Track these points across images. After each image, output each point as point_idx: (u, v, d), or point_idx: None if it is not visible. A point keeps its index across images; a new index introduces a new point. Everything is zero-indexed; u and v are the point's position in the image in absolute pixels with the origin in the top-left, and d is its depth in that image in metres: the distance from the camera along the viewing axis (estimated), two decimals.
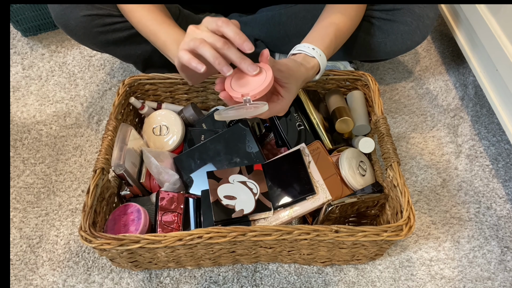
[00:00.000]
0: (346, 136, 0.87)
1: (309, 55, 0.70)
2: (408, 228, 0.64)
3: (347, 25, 0.77)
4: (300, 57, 0.70)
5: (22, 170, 0.93)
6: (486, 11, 0.89)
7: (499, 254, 0.81)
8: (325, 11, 0.78)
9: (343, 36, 0.77)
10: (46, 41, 1.22)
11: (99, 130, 1.01)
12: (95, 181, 0.69)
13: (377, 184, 0.76)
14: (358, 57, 1.00)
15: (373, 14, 0.87)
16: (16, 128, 1.01)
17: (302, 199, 0.70)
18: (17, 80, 1.12)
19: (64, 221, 0.85)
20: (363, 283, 0.77)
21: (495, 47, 0.85)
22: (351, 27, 0.79)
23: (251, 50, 0.56)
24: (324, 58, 0.71)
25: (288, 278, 0.78)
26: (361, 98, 0.87)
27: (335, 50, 0.76)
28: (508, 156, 0.95)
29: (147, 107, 0.89)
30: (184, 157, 0.81)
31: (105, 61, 1.16)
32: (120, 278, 0.78)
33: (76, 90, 1.09)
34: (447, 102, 1.06)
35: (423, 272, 0.78)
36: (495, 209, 0.87)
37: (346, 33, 0.78)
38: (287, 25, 0.95)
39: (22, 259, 0.80)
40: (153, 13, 0.75)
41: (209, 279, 0.78)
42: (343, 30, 0.76)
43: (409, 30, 0.88)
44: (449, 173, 0.93)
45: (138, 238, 0.63)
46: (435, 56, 1.18)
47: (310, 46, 0.70)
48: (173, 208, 0.74)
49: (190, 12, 0.92)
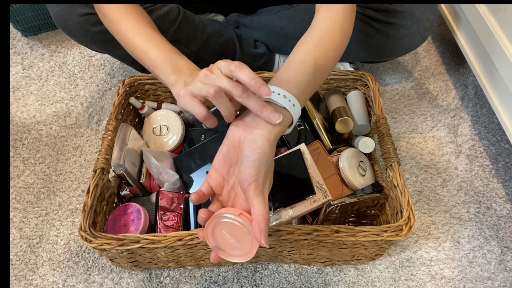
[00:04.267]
0: (346, 136, 0.87)
1: (279, 105, 0.53)
2: (408, 228, 0.64)
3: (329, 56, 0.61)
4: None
5: (22, 170, 0.93)
6: (486, 11, 0.89)
7: (499, 254, 0.81)
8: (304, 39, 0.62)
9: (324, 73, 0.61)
10: (46, 41, 1.22)
11: (99, 130, 1.01)
12: (95, 181, 0.69)
13: (377, 184, 0.76)
14: (358, 59, 1.00)
15: (373, 16, 0.87)
16: (16, 128, 1.01)
17: (302, 199, 0.70)
18: (17, 80, 1.12)
19: (64, 221, 0.85)
20: (363, 283, 0.77)
21: (495, 47, 0.85)
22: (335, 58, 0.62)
23: (269, 95, 0.50)
24: (298, 108, 0.55)
25: (288, 278, 0.78)
26: (361, 98, 0.87)
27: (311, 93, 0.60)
28: (508, 156, 0.95)
29: (147, 107, 0.89)
30: (184, 157, 0.81)
31: (105, 61, 1.16)
32: (120, 278, 0.78)
33: (76, 90, 1.09)
34: (447, 102, 1.06)
35: (423, 272, 0.78)
36: (495, 209, 0.87)
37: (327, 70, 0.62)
38: (286, 27, 0.95)
39: (22, 259, 0.80)
40: (140, 26, 0.67)
41: (209, 279, 0.78)
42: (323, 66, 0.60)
43: (409, 33, 0.88)
44: (449, 173, 0.93)
45: (138, 238, 0.63)
46: (435, 56, 1.18)
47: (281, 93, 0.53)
48: (173, 208, 0.74)
49: (190, 12, 0.92)
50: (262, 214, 0.49)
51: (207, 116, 0.53)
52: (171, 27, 0.87)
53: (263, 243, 0.48)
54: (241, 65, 0.51)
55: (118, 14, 0.68)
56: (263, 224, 0.49)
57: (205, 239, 0.53)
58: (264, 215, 0.49)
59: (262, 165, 0.50)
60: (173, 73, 0.60)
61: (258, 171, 0.50)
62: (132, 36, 0.66)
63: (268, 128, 0.51)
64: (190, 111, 0.53)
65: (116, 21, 0.68)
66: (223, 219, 0.51)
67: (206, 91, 0.50)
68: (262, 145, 0.50)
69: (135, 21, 0.67)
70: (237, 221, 0.50)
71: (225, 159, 0.54)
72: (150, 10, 0.83)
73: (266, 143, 0.51)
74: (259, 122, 0.52)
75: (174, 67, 0.61)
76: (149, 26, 0.68)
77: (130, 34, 0.66)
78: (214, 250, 0.54)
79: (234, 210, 0.52)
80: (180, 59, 0.63)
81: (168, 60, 0.62)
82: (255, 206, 0.49)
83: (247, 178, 0.50)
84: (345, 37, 0.64)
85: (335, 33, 0.61)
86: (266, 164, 0.51)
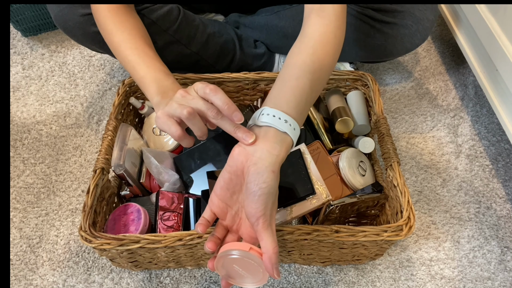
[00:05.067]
0: (346, 136, 0.87)
1: (280, 130, 0.52)
2: (408, 228, 0.64)
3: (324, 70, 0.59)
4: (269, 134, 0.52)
5: (22, 170, 0.93)
6: (486, 11, 0.89)
7: (499, 254, 0.81)
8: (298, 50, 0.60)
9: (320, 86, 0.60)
10: (46, 41, 1.22)
11: (99, 130, 1.01)
12: (95, 181, 0.69)
13: (377, 184, 0.76)
14: (358, 59, 1.00)
15: (373, 16, 0.87)
16: (16, 128, 1.01)
17: (302, 199, 0.69)
18: (17, 80, 1.12)
19: (64, 221, 0.85)
20: (363, 283, 0.77)
21: (495, 47, 0.85)
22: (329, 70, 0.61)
23: (241, 121, 0.51)
24: (298, 131, 0.54)
25: (288, 278, 0.78)
26: (361, 98, 0.87)
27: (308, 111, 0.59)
28: (508, 156, 0.95)
29: (147, 107, 0.89)
30: (184, 157, 0.81)
31: (105, 61, 1.16)
32: (120, 278, 0.78)
33: (76, 90, 1.09)
34: (447, 102, 1.06)
35: (423, 272, 0.78)
36: (495, 209, 0.87)
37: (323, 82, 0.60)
38: (286, 27, 0.95)
39: (22, 259, 0.80)
40: (133, 39, 0.67)
41: (209, 279, 0.78)
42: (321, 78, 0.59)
43: (409, 33, 0.88)
44: (449, 173, 0.93)
45: (138, 238, 0.63)
46: (435, 56, 1.18)
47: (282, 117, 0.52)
48: (173, 208, 0.74)
49: (190, 12, 0.92)
50: (273, 248, 0.49)
51: (181, 136, 0.55)
52: (171, 27, 0.87)
53: (275, 277, 0.48)
54: (216, 89, 0.52)
55: (113, 24, 0.69)
56: (274, 258, 0.48)
57: (214, 270, 0.53)
58: (275, 249, 0.49)
59: (269, 198, 0.50)
60: (158, 94, 0.61)
61: (266, 205, 0.49)
62: (124, 49, 0.67)
63: (272, 157, 0.50)
64: (166, 131, 0.55)
65: (110, 31, 0.69)
66: (232, 256, 0.50)
67: (180, 112, 0.53)
68: (267, 178, 0.49)
69: (129, 34, 0.68)
70: (248, 257, 0.50)
71: (228, 187, 0.53)
72: (150, 10, 0.83)
73: (271, 175, 0.50)
74: (261, 152, 0.50)
75: (160, 87, 0.62)
76: (142, 39, 0.69)
77: (122, 46, 0.67)
78: (225, 278, 0.53)
79: (243, 245, 0.50)
80: (167, 80, 0.63)
81: (155, 80, 0.63)
82: (264, 240, 0.49)
83: (255, 212, 0.49)
84: (338, 47, 0.63)
85: (328, 44, 0.60)
86: (272, 196, 0.50)
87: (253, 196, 0.49)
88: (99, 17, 0.70)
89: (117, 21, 0.69)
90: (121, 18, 0.69)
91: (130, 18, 0.70)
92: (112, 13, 0.69)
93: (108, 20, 0.69)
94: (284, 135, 0.52)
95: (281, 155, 0.51)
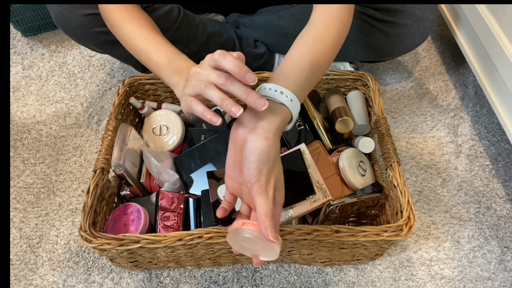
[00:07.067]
0: (346, 136, 0.87)
1: (277, 101, 0.53)
2: (408, 228, 0.64)
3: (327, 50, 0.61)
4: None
5: (22, 170, 0.93)
6: (486, 11, 0.89)
7: (499, 254, 0.81)
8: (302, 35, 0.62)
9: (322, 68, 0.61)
10: (46, 41, 1.22)
11: (99, 130, 1.01)
12: (95, 181, 0.69)
13: (377, 184, 0.76)
14: (358, 58, 1.00)
15: (373, 15, 0.87)
16: (16, 128, 1.01)
17: (302, 199, 0.69)
18: (17, 80, 1.12)
19: (64, 221, 0.85)
20: (363, 283, 0.77)
21: (495, 47, 0.85)
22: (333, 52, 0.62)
23: (254, 82, 0.50)
24: (297, 104, 0.55)
25: (288, 278, 0.78)
26: (361, 98, 0.87)
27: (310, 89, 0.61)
28: (508, 156, 0.95)
29: (147, 107, 0.89)
30: (184, 157, 0.81)
31: (105, 61, 1.16)
32: (120, 278, 0.78)
33: (76, 90, 1.09)
34: (447, 102, 1.06)
35: (423, 272, 0.78)
36: (495, 209, 0.87)
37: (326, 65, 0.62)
38: (286, 27, 0.95)
39: (22, 259, 0.80)
40: (143, 29, 0.68)
41: (209, 279, 0.78)
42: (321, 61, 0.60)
43: (409, 33, 0.88)
44: (449, 173, 0.93)
45: (138, 238, 0.63)
46: (435, 56, 1.18)
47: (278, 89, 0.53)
48: (173, 208, 0.74)
49: (191, 12, 0.92)
50: (265, 211, 0.49)
51: (207, 112, 0.53)
52: (171, 27, 0.87)
53: (271, 240, 0.49)
54: (223, 53, 0.50)
55: (121, 18, 0.69)
56: (267, 221, 0.49)
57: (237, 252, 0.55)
58: (267, 213, 0.49)
59: (263, 165, 0.50)
60: (174, 75, 0.61)
61: (259, 171, 0.50)
62: (135, 39, 0.68)
63: (266, 125, 0.51)
64: (192, 111, 0.54)
65: (120, 25, 0.70)
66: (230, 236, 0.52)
67: (198, 88, 0.52)
68: (260, 145, 0.50)
69: (137, 24, 0.69)
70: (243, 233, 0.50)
71: (234, 164, 0.54)
72: (150, 10, 0.83)
73: (264, 142, 0.50)
74: (256, 122, 0.52)
75: (175, 68, 0.62)
76: (150, 28, 0.70)
77: (133, 38, 0.68)
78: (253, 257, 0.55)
79: (236, 223, 0.51)
80: (180, 60, 0.64)
81: (169, 62, 0.63)
82: (258, 205, 0.50)
83: (249, 179, 0.50)
84: (343, 30, 0.63)
85: (332, 26, 0.61)
86: (267, 162, 0.51)
87: (247, 163, 0.50)
88: (108, 14, 0.71)
89: (125, 15, 0.70)
90: (129, 12, 0.70)
91: (137, 11, 0.72)
92: (120, 8, 0.70)
93: (117, 16, 0.70)
94: (280, 106, 0.53)
95: (276, 123, 0.52)
